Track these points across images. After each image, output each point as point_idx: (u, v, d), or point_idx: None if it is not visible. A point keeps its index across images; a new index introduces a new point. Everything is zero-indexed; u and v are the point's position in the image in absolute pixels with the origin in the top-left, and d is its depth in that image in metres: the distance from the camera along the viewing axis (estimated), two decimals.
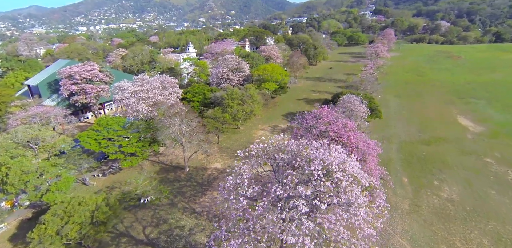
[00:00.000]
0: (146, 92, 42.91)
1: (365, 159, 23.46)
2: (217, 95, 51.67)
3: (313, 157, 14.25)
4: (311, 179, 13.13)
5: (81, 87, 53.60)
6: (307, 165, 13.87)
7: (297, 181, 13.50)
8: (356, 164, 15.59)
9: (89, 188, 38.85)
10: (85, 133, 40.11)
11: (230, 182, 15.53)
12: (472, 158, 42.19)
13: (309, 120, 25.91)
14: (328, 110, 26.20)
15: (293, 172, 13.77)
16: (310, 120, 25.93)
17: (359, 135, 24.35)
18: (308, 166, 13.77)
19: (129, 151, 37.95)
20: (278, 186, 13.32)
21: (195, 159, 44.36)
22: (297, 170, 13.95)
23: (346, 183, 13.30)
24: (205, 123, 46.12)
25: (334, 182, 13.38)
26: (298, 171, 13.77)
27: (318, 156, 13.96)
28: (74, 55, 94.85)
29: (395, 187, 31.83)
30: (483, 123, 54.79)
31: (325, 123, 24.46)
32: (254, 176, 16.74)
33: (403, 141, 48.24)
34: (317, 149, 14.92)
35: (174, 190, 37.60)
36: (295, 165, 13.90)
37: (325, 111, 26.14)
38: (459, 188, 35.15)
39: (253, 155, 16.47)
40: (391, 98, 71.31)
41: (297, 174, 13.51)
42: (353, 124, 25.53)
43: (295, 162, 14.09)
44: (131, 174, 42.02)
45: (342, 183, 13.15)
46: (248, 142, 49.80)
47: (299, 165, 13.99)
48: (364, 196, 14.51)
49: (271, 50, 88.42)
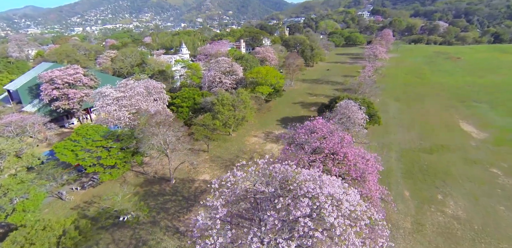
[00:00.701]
0: (129, 98, 39.99)
1: (364, 179, 20.77)
2: (207, 100, 48.82)
3: (300, 194, 11.46)
4: (297, 228, 10.37)
5: (63, 92, 50.57)
6: (293, 204, 11.09)
7: (280, 227, 10.73)
8: (356, 198, 12.79)
9: (66, 203, 35.84)
10: (62, 143, 37.12)
11: (201, 222, 12.65)
12: (477, 168, 39.61)
13: (301, 134, 23.18)
14: (322, 123, 23.51)
15: (275, 214, 11.00)
16: (303, 134, 23.20)
17: (357, 151, 21.65)
18: (294, 206, 10.99)
19: (109, 163, 35.01)
20: (254, 235, 10.52)
21: (182, 169, 41.48)
22: (281, 211, 11.20)
23: (341, 229, 10.53)
24: (194, 131, 43.30)
25: (326, 228, 10.62)
26: (282, 214, 11.02)
27: (307, 194, 11.19)
28: (63, 57, 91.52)
29: (396, 208, 28.99)
30: (487, 129, 52.31)
31: (319, 138, 21.79)
32: (230, 211, 13.88)
33: (403, 149, 45.62)
34: (306, 183, 12.11)
35: (158, 206, 34.73)
36: (277, 205, 11.13)
37: (319, 123, 23.44)
38: (465, 203, 32.52)
39: (228, 187, 13.59)
40: (390, 102, 68.77)
41: (280, 218, 10.74)
42: (350, 138, 22.84)
43: (277, 202, 11.31)
44: (113, 187, 39.18)
45: (337, 230, 10.39)
46: (240, 151, 47.06)
47: (282, 204, 11.22)
48: (362, 237, 11.76)
49: (266, 52, 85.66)
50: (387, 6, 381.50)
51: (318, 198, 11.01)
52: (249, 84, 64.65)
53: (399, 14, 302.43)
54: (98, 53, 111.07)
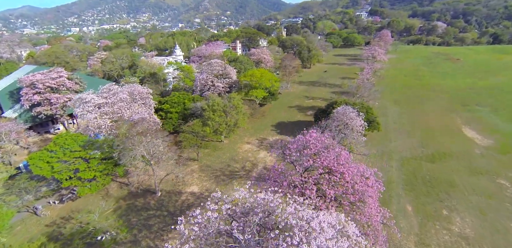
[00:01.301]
0: (112, 105, 37.28)
1: (363, 202, 18.25)
2: (197, 105, 46.17)
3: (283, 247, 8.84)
4: None
5: (45, 97, 47.78)
6: None
7: None
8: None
9: (41, 219, 33.06)
10: (38, 154, 34.33)
11: None
12: (483, 179, 37.20)
13: (293, 151, 20.59)
14: (316, 137, 20.95)
15: None
16: (294, 150, 20.63)
17: (355, 170, 19.12)
18: None
19: (87, 177, 32.30)
20: None
21: (169, 180, 38.83)
22: None
23: None
24: (182, 139, 40.64)
25: None
26: None
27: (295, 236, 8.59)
28: (52, 59, 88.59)
29: (400, 234, 26.35)
30: (491, 135, 49.97)
31: (312, 155, 19.26)
32: None
33: (404, 158, 43.15)
34: (292, 228, 9.51)
35: (140, 222, 32.05)
36: None
37: (312, 137, 20.88)
38: (473, 219, 30.06)
39: (198, 222, 11.01)
40: (389, 106, 66.37)
41: None
42: (347, 154, 20.29)
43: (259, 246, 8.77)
44: (94, 200, 36.45)
45: None
46: (231, 159, 44.43)
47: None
48: None
49: (262, 53, 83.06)
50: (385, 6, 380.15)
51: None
52: (244, 87, 62.09)
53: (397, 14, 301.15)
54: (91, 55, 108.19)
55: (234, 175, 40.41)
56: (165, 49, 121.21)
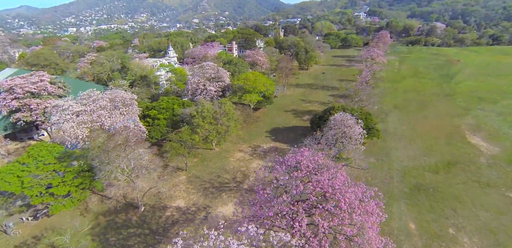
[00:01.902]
0: (91, 113, 34.50)
1: (362, 236, 15.60)
2: (186, 112, 43.42)
3: None
4: None
5: (24, 102, 44.94)
6: None
7: None
8: None
9: (10, 239, 30.30)
10: (9, 166, 31.50)
11: None
12: (492, 193, 34.60)
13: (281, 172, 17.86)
14: (308, 156, 18.25)
15: None
16: (283, 172, 17.89)
17: (353, 195, 16.46)
18: None
19: (60, 193, 29.50)
20: None
21: (154, 193, 36.07)
22: None
23: None
24: (168, 149, 37.89)
25: None
26: None
27: None
28: (40, 61, 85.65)
29: None
30: (497, 142, 47.42)
31: (303, 178, 16.61)
32: None
33: (406, 168, 40.54)
34: None
35: (119, 242, 29.32)
36: None
37: (304, 157, 18.20)
38: (482, 240, 27.46)
39: None
40: (389, 110, 63.79)
41: None
42: (345, 177, 17.63)
43: None
44: (71, 216, 33.69)
45: None
46: (222, 169, 41.74)
47: None
48: None
49: (257, 55, 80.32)
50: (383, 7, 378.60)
51: None
52: (239, 89, 59.29)
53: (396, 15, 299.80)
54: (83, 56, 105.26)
55: (223, 187, 37.73)
56: (159, 51, 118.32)
